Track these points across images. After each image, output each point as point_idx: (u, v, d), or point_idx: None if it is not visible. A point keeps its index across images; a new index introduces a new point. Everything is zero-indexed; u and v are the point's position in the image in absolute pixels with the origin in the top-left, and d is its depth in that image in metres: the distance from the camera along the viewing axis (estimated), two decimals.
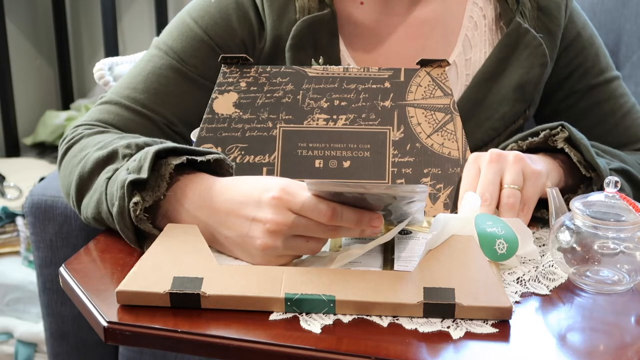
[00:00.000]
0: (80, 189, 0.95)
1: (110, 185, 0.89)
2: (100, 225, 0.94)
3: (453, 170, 0.97)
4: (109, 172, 0.91)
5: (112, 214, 0.87)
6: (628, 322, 0.78)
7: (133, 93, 1.07)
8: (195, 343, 0.74)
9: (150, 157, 0.85)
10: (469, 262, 0.81)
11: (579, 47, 1.17)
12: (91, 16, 2.76)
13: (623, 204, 0.83)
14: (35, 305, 1.98)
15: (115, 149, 0.93)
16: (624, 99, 1.20)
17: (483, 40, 1.14)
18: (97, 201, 0.91)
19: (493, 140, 1.13)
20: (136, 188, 0.85)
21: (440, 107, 0.99)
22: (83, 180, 0.94)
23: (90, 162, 0.94)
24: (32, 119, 2.70)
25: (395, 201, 0.79)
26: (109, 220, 0.90)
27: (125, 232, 0.86)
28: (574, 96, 1.19)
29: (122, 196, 0.85)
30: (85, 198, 0.94)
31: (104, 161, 0.93)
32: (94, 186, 0.92)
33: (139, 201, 0.84)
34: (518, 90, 1.12)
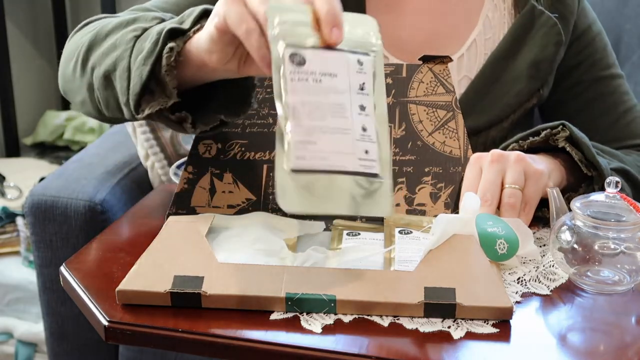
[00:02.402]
0: (93, 45, 0.91)
1: (139, 42, 0.86)
2: (101, 90, 0.89)
3: (454, 169, 0.97)
4: (137, 31, 0.88)
5: (130, 69, 0.84)
6: (628, 323, 0.78)
7: (165, 5, 1.07)
8: (196, 342, 0.74)
9: (197, 13, 0.83)
10: (470, 262, 0.81)
11: (589, 39, 1.21)
12: (91, 16, 2.76)
13: (624, 204, 0.83)
14: (35, 305, 1.98)
15: (147, 13, 0.91)
16: (627, 96, 1.23)
17: (502, 22, 1.18)
18: (117, 57, 0.87)
19: (508, 117, 1.17)
20: (172, 39, 0.82)
21: (442, 105, 0.99)
22: (99, 37, 0.91)
23: (112, 24, 0.91)
24: (32, 119, 2.70)
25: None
26: (121, 79, 0.86)
27: (136, 83, 0.83)
28: (580, 86, 1.21)
29: (155, 42, 0.82)
30: (95, 55, 0.91)
31: (129, 21, 0.90)
32: (114, 42, 0.89)
33: (174, 47, 0.81)
34: (532, 68, 1.16)
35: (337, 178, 0.72)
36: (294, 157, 0.71)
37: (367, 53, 0.76)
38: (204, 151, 0.97)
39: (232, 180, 0.96)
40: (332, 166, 0.72)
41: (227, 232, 0.90)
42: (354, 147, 0.72)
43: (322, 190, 0.71)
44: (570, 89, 1.22)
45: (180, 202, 0.95)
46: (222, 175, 0.96)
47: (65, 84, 0.99)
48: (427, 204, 0.96)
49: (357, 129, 0.73)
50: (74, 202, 1.34)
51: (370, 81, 0.75)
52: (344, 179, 0.72)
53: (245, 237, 0.88)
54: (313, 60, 0.73)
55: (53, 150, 2.61)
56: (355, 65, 0.75)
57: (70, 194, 1.35)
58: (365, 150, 0.73)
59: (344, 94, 0.73)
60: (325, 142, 0.72)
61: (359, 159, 0.73)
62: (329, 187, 0.72)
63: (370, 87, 0.75)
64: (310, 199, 0.71)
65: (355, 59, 0.75)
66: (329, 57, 0.73)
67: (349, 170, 0.72)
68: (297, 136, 0.71)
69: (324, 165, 0.71)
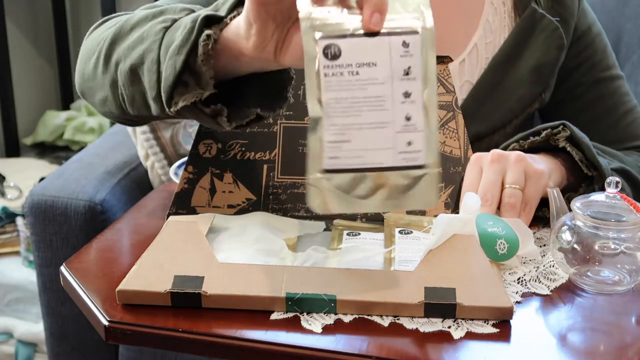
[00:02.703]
0: (116, 39, 0.87)
1: (170, 33, 0.81)
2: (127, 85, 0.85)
3: (454, 169, 0.97)
4: (167, 22, 0.83)
5: (159, 61, 0.80)
6: (628, 323, 0.78)
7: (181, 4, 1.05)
8: (196, 342, 0.74)
9: (232, 1, 0.79)
10: (470, 262, 0.81)
11: (589, 40, 1.21)
12: (91, 16, 2.76)
13: (624, 204, 0.83)
14: (35, 305, 1.98)
15: (173, 5, 0.87)
16: (628, 97, 1.23)
17: (502, 25, 1.17)
18: (144, 50, 0.83)
19: (511, 122, 1.16)
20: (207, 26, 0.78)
21: (442, 105, 0.99)
22: (124, 31, 0.87)
23: (136, 18, 0.87)
24: (32, 119, 2.70)
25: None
26: (149, 72, 0.82)
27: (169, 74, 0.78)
28: (579, 88, 1.21)
29: (190, 30, 0.77)
30: (120, 49, 0.87)
31: (155, 14, 0.86)
32: (141, 35, 0.85)
33: (211, 34, 0.76)
34: (535, 73, 1.15)
35: (374, 174, 0.69)
36: (326, 158, 0.68)
37: (416, 31, 0.69)
38: (204, 151, 0.97)
39: (232, 180, 0.96)
40: (368, 164, 0.68)
41: (227, 232, 0.90)
42: (394, 141, 0.69)
43: (358, 189, 0.69)
44: (570, 91, 1.21)
45: (180, 202, 0.95)
46: (222, 175, 0.96)
47: (83, 82, 0.95)
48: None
49: (399, 119, 0.69)
50: (74, 202, 1.34)
51: (418, 63, 0.69)
52: (382, 174, 0.69)
53: (245, 237, 0.88)
54: (349, 50, 0.68)
55: (53, 150, 2.61)
56: (400, 49, 0.68)
57: (70, 194, 1.35)
58: (408, 141, 0.69)
59: (385, 84, 0.68)
60: (361, 139, 0.68)
61: (399, 153, 0.69)
62: (365, 183, 0.69)
63: (417, 70, 0.69)
64: (346, 198, 0.69)
65: (400, 41, 0.69)
66: (368, 44, 0.68)
67: (387, 166, 0.69)
68: (331, 136, 0.68)
69: (359, 164, 0.68)
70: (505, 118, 1.15)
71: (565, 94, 1.22)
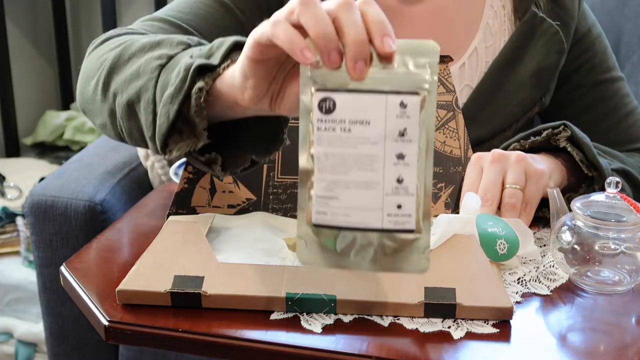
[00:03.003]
0: (115, 67, 0.86)
1: (165, 72, 0.80)
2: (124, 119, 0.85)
3: (454, 169, 0.97)
4: (162, 59, 0.81)
5: (155, 102, 0.79)
6: (628, 323, 0.78)
7: (179, 14, 1.04)
8: (196, 342, 0.74)
9: (227, 45, 0.76)
10: (470, 262, 0.81)
11: (589, 42, 1.20)
12: (91, 16, 2.76)
13: (624, 205, 0.83)
14: (35, 305, 1.98)
15: (171, 36, 0.85)
16: (628, 99, 1.22)
17: (502, 29, 1.17)
18: (140, 87, 0.82)
19: (511, 126, 1.16)
20: (200, 76, 0.76)
21: (442, 104, 0.99)
22: (122, 60, 0.86)
23: (135, 46, 0.86)
24: (32, 119, 2.70)
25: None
26: (146, 110, 0.81)
27: (163, 123, 0.78)
28: (580, 90, 1.20)
29: (183, 79, 0.76)
30: (118, 80, 0.86)
31: (154, 44, 0.85)
32: (137, 69, 0.83)
33: (203, 87, 0.75)
34: (535, 77, 1.15)
35: (361, 234, 0.67)
36: (314, 212, 0.67)
37: (416, 92, 0.66)
38: None
39: (232, 180, 0.96)
40: (355, 223, 0.67)
41: (227, 232, 0.90)
42: (382, 202, 0.66)
43: (345, 246, 0.67)
44: (570, 93, 1.21)
45: (180, 202, 0.95)
46: None
47: (84, 103, 0.94)
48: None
49: (389, 181, 0.66)
50: (74, 202, 1.34)
51: (415, 125, 0.66)
52: (369, 235, 0.67)
53: (245, 237, 0.88)
54: (344, 106, 0.66)
55: (53, 150, 2.61)
56: (396, 109, 0.66)
57: (70, 194, 1.35)
58: (398, 204, 0.66)
59: (377, 144, 0.66)
60: (348, 197, 0.66)
61: (387, 215, 0.67)
62: (353, 243, 0.67)
63: (414, 133, 0.66)
64: (332, 255, 0.67)
65: (398, 101, 0.66)
66: (364, 101, 0.65)
67: (374, 228, 0.67)
68: (319, 190, 0.66)
69: (346, 222, 0.66)
70: (505, 122, 1.15)
71: (565, 96, 1.21)
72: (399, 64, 0.66)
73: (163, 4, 2.60)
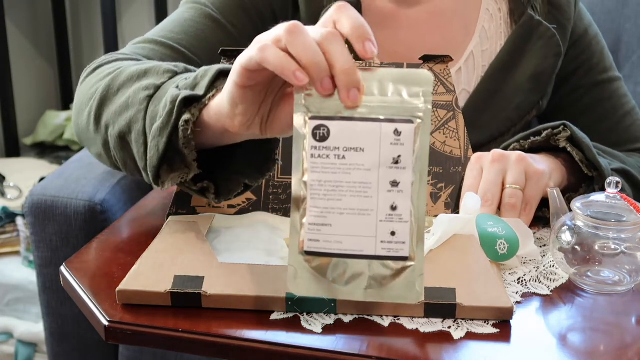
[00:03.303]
0: (105, 99, 0.87)
1: (153, 103, 0.81)
2: (118, 150, 0.85)
3: (455, 169, 0.97)
4: (150, 90, 0.82)
5: (146, 133, 0.80)
6: (629, 323, 0.78)
7: (170, 34, 1.05)
8: (196, 342, 0.74)
9: (211, 75, 0.77)
10: (470, 263, 0.81)
11: (586, 43, 1.20)
12: (91, 16, 2.76)
13: (624, 205, 0.83)
14: (35, 305, 1.98)
15: (158, 64, 0.86)
16: (626, 99, 1.22)
17: (499, 32, 1.16)
18: (130, 119, 0.83)
19: (509, 131, 1.15)
20: (187, 107, 0.77)
21: (442, 105, 0.99)
22: (111, 91, 0.86)
23: (123, 76, 0.86)
24: (32, 119, 2.70)
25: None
26: (138, 142, 0.82)
27: (153, 155, 0.79)
28: (578, 92, 1.20)
29: (169, 112, 0.77)
30: (109, 112, 0.86)
31: (142, 73, 0.85)
32: (126, 100, 0.84)
33: (190, 119, 0.76)
34: (532, 80, 1.15)
35: (354, 262, 0.67)
36: (307, 240, 0.67)
37: (410, 120, 0.66)
38: None
39: None
40: (348, 250, 0.67)
41: (227, 232, 0.90)
42: (376, 229, 0.67)
43: (337, 274, 0.67)
44: (568, 95, 1.21)
45: (181, 202, 0.95)
46: None
47: (79, 133, 0.94)
48: (427, 204, 0.96)
49: (383, 208, 0.66)
50: (74, 202, 1.34)
51: (409, 153, 0.66)
52: (363, 262, 0.67)
53: (245, 237, 0.88)
54: (338, 133, 0.66)
55: (53, 150, 2.61)
56: (391, 137, 0.66)
57: (70, 194, 1.35)
58: (392, 231, 0.67)
59: (371, 171, 0.66)
60: (341, 224, 0.67)
61: (381, 242, 0.67)
62: (345, 269, 0.67)
63: (409, 160, 0.66)
64: (323, 282, 0.67)
65: (392, 129, 0.66)
66: (358, 128, 0.66)
67: (367, 255, 0.67)
68: (312, 218, 0.67)
69: (338, 249, 0.67)
70: (503, 127, 1.15)
71: (563, 97, 1.21)
72: (392, 93, 0.67)
73: (163, 4, 2.60)
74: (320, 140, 0.67)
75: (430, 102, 0.67)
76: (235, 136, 0.77)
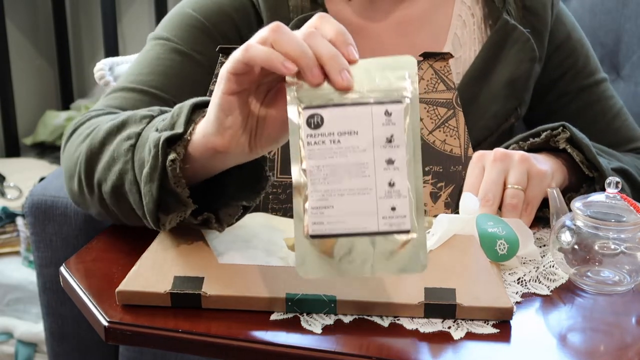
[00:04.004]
0: (91, 161, 0.87)
1: (138, 151, 0.82)
2: (116, 205, 0.86)
3: (455, 168, 0.97)
4: (132, 139, 0.83)
5: (137, 182, 0.81)
6: (629, 323, 0.78)
7: (139, 77, 1.04)
8: (196, 343, 0.74)
9: (186, 111, 0.79)
10: (470, 263, 0.81)
11: (570, 48, 1.18)
12: (91, 16, 2.76)
13: (624, 205, 0.83)
14: (35, 305, 1.98)
15: (133, 113, 0.87)
16: (613, 100, 1.21)
17: (472, 38, 1.14)
18: (120, 171, 0.83)
19: (486, 139, 1.13)
20: (170, 146, 0.78)
21: (442, 102, 0.99)
22: (94, 151, 0.87)
23: (103, 132, 0.87)
24: (32, 119, 2.71)
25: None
26: (131, 192, 0.82)
27: (150, 204, 0.80)
28: (565, 97, 1.19)
29: (155, 155, 0.78)
30: (98, 172, 0.87)
31: (118, 127, 0.86)
32: (112, 155, 0.85)
33: (176, 158, 0.77)
34: (509, 87, 1.12)
35: (358, 239, 0.69)
36: (311, 224, 0.69)
37: (399, 100, 0.69)
38: None
39: None
40: (352, 229, 0.69)
41: (227, 233, 0.90)
42: (377, 206, 0.69)
43: (343, 253, 0.69)
44: (556, 101, 1.19)
45: None
46: None
47: (75, 199, 0.95)
48: (427, 203, 0.96)
49: (381, 186, 0.69)
50: None
51: (401, 131, 0.69)
52: (367, 239, 0.69)
53: (245, 237, 0.88)
54: (332, 119, 0.69)
55: (53, 150, 2.61)
56: (382, 117, 0.69)
57: None
58: (392, 207, 0.69)
59: (366, 152, 0.69)
60: (343, 205, 0.69)
61: (383, 218, 0.69)
62: (351, 249, 0.69)
63: (401, 137, 0.69)
64: (331, 263, 0.69)
65: (383, 110, 0.69)
66: (350, 113, 0.69)
67: (371, 231, 0.69)
68: (314, 202, 0.69)
69: (343, 229, 0.69)
70: (480, 135, 1.12)
71: (551, 104, 1.19)
72: (380, 79, 0.70)
73: (163, 4, 2.60)
74: (315, 127, 0.69)
75: (417, 82, 0.70)
76: (224, 158, 0.78)
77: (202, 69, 1.06)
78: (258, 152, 0.78)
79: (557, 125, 1.00)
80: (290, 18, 1.08)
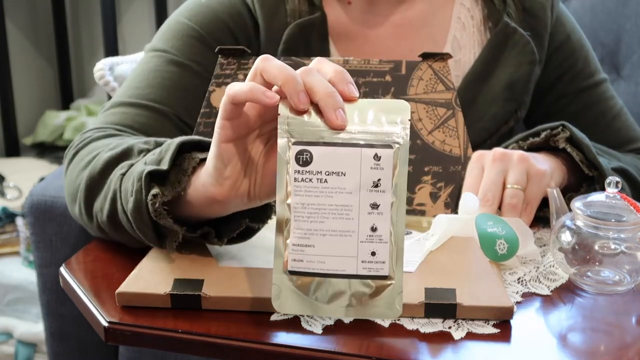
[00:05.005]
0: (90, 191, 0.89)
1: (125, 180, 0.83)
2: (115, 232, 0.87)
3: (454, 168, 0.97)
4: (124, 168, 0.84)
5: (127, 212, 0.82)
6: (629, 323, 0.78)
7: (137, 91, 1.04)
8: (196, 343, 0.73)
9: (173, 148, 0.79)
10: (470, 263, 0.81)
11: (569, 50, 1.18)
12: (91, 16, 2.76)
13: (624, 204, 0.83)
14: (35, 305, 1.98)
15: (131, 145, 0.88)
16: (613, 101, 1.20)
17: (472, 41, 1.14)
18: (111, 200, 0.84)
19: (485, 142, 1.13)
20: (155, 181, 0.79)
21: (442, 102, 0.99)
22: (94, 181, 0.88)
23: (102, 162, 0.88)
24: (32, 119, 2.71)
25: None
26: (124, 220, 0.84)
27: (144, 230, 0.81)
28: (565, 99, 1.19)
29: (139, 189, 0.79)
30: (97, 201, 0.88)
31: (117, 158, 0.87)
32: (108, 186, 0.86)
33: (158, 193, 0.77)
34: (508, 90, 1.12)
35: (336, 280, 0.70)
36: (290, 260, 0.70)
37: (390, 145, 0.69)
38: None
39: None
40: (331, 270, 0.70)
41: None
42: (357, 250, 0.70)
43: (320, 293, 0.70)
44: (555, 103, 1.19)
45: None
46: None
47: (78, 220, 0.96)
48: (426, 203, 0.96)
49: (363, 229, 0.70)
50: None
51: (388, 176, 0.69)
52: (344, 281, 0.70)
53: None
54: (321, 158, 0.69)
55: (53, 150, 2.61)
56: (371, 161, 0.69)
57: None
58: (372, 251, 0.70)
59: (352, 194, 0.69)
60: (324, 245, 0.70)
61: (362, 262, 0.70)
62: (327, 288, 0.70)
63: (388, 183, 0.69)
64: (306, 301, 0.70)
65: (372, 154, 0.69)
66: (340, 154, 0.69)
67: (349, 274, 0.70)
68: (295, 239, 0.70)
69: (321, 269, 0.70)
70: (479, 138, 1.12)
71: (550, 106, 1.19)
72: (372, 121, 0.70)
73: (163, 4, 2.60)
74: (303, 164, 0.69)
75: (408, 129, 0.70)
76: (223, 206, 0.78)
77: (201, 79, 1.06)
78: (257, 202, 0.77)
79: (557, 124, 1.00)
80: (287, 23, 1.07)
